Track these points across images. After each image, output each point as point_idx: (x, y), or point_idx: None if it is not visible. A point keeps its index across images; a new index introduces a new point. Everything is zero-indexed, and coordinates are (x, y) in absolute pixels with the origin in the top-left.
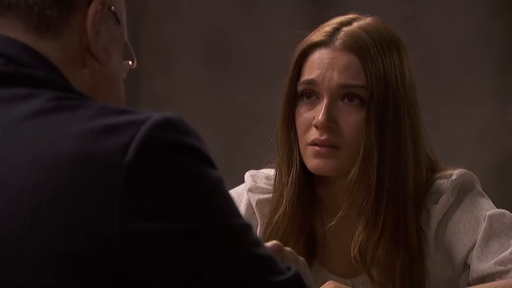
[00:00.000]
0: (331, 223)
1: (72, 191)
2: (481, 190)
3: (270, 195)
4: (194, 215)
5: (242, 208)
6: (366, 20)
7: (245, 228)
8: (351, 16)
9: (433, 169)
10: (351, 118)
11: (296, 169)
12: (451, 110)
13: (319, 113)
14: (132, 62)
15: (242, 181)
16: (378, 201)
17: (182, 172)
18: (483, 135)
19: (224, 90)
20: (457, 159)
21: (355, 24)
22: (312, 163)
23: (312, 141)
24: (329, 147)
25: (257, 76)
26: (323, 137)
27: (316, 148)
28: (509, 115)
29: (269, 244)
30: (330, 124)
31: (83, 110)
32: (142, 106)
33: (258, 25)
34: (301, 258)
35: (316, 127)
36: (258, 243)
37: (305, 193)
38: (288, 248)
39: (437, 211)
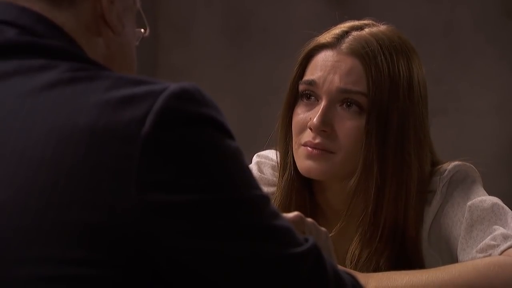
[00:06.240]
0: (330, 234)
1: (89, 163)
2: (476, 179)
3: (275, 188)
4: (212, 186)
5: None
6: (380, 28)
7: (264, 199)
8: (365, 21)
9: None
10: (348, 125)
11: (289, 171)
12: (470, 82)
13: (315, 115)
14: (145, 30)
15: None
16: (376, 214)
17: (200, 143)
18: (503, 107)
19: (243, 62)
20: (476, 130)
21: (366, 30)
22: (303, 164)
23: (305, 143)
24: (322, 150)
25: (276, 48)
26: (316, 141)
27: (308, 149)
28: None
29: (290, 215)
30: (324, 128)
31: (100, 81)
32: (161, 78)
33: None
34: (323, 229)
35: (311, 129)
36: (276, 214)
37: (300, 198)
38: (309, 219)
39: (430, 212)
